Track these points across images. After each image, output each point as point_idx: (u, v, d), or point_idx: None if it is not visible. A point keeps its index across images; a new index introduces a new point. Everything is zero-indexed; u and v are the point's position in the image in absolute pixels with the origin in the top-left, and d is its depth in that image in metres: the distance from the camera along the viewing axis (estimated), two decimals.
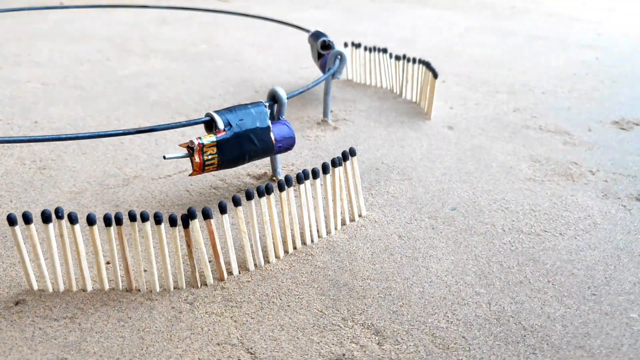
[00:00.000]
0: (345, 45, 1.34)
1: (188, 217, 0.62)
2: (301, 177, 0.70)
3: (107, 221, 0.61)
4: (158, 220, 0.61)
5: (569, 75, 1.46)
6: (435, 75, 1.12)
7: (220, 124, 0.76)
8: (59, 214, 0.61)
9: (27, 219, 0.60)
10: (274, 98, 0.83)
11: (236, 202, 0.65)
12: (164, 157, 0.73)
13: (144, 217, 0.61)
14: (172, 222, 0.61)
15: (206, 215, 0.63)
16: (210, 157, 0.75)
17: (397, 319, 0.60)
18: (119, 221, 0.61)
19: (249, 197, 0.66)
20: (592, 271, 0.68)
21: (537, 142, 1.05)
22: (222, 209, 0.64)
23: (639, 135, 1.09)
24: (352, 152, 0.76)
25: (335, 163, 0.74)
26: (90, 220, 0.61)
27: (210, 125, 0.78)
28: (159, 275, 0.66)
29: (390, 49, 1.43)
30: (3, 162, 0.93)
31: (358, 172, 0.78)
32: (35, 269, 0.64)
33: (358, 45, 1.31)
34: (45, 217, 0.60)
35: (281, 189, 0.69)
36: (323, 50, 1.18)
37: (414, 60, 1.20)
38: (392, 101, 1.23)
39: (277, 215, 0.70)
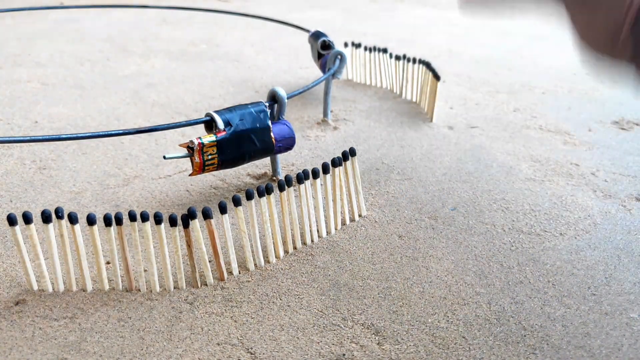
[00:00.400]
0: (345, 45, 1.34)
1: (188, 217, 0.62)
2: (301, 177, 0.70)
3: (107, 221, 0.61)
4: (158, 220, 0.61)
5: (569, 75, 1.46)
6: (437, 78, 1.11)
7: (220, 124, 0.76)
8: (59, 214, 0.61)
9: (27, 219, 0.60)
10: (274, 98, 0.83)
11: (236, 202, 0.65)
12: (164, 157, 0.73)
13: (144, 217, 0.61)
14: (172, 222, 0.61)
15: (206, 215, 0.63)
16: (210, 157, 0.75)
17: (397, 319, 0.60)
18: (119, 221, 0.61)
19: (249, 197, 0.66)
20: (592, 271, 0.68)
21: (537, 142, 1.04)
22: (222, 209, 0.64)
23: (639, 135, 1.09)
24: (352, 152, 0.76)
25: (335, 163, 0.74)
26: (90, 220, 0.61)
27: (210, 125, 0.78)
28: (159, 275, 0.66)
29: (390, 49, 1.43)
30: (3, 162, 0.93)
31: (358, 172, 0.78)
32: (35, 269, 0.64)
33: (358, 45, 1.31)
34: (45, 217, 0.60)
35: (281, 189, 0.69)
36: (323, 50, 1.18)
37: (414, 60, 1.20)
38: (392, 101, 1.23)
39: (277, 215, 0.70)
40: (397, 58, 1.25)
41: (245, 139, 0.77)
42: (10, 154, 0.96)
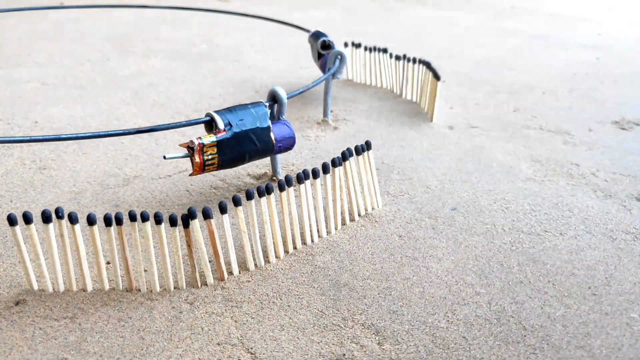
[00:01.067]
0: (345, 45, 1.33)
1: (188, 217, 0.62)
2: (301, 177, 0.70)
3: (107, 221, 0.61)
4: (158, 220, 0.61)
5: (569, 75, 1.46)
6: (437, 78, 1.11)
7: (221, 124, 0.76)
8: (59, 214, 0.61)
9: (27, 219, 0.60)
10: (274, 98, 0.83)
11: (236, 202, 0.65)
12: (164, 157, 0.73)
13: (144, 217, 0.61)
14: (172, 222, 0.61)
15: (206, 215, 0.63)
16: (210, 157, 0.75)
17: (397, 319, 0.60)
18: (119, 221, 0.61)
19: (249, 197, 0.66)
20: (592, 271, 0.68)
21: (538, 142, 1.04)
22: (222, 209, 0.64)
23: (639, 135, 1.09)
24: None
25: (335, 163, 0.74)
26: (91, 220, 0.61)
27: (210, 125, 0.78)
28: (159, 275, 0.66)
29: (390, 48, 1.43)
30: (3, 162, 0.93)
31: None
32: (36, 269, 0.64)
33: (358, 45, 1.31)
34: (46, 217, 0.60)
35: (281, 189, 0.69)
36: (323, 50, 1.18)
37: (414, 60, 1.20)
38: (392, 101, 1.23)
39: (277, 215, 0.70)
40: (397, 58, 1.25)
41: (245, 139, 0.77)
42: (10, 154, 0.96)
